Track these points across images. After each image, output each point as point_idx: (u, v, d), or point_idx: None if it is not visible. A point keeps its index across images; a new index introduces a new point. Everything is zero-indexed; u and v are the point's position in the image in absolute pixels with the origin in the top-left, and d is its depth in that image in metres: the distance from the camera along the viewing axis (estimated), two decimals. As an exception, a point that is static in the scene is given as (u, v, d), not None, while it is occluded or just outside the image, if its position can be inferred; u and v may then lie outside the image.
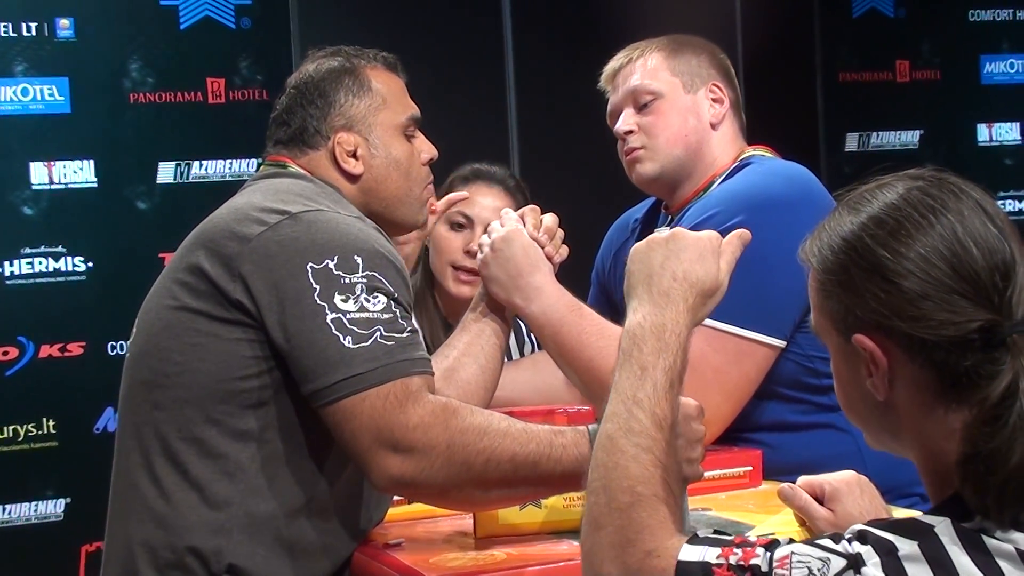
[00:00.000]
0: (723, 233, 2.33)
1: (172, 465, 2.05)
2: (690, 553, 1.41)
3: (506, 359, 2.56)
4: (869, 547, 1.35)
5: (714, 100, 2.64)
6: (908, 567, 1.33)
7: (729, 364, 2.36)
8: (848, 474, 1.96)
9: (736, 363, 2.37)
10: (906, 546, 1.35)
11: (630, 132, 2.65)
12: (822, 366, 2.43)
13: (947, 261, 1.41)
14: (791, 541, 1.41)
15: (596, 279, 2.90)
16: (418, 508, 2.30)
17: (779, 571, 1.35)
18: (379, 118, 2.28)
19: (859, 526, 1.39)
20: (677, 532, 1.47)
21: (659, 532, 1.45)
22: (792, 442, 2.44)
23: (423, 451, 1.95)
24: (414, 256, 3.05)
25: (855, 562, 1.35)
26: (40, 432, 4.50)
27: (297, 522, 2.06)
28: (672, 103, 2.63)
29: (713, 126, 2.64)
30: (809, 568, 1.35)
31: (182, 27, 4.71)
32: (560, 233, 2.50)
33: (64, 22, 4.55)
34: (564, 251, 2.49)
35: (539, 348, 3.30)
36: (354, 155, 2.25)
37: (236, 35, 4.78)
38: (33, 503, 4.51)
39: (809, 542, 1.39)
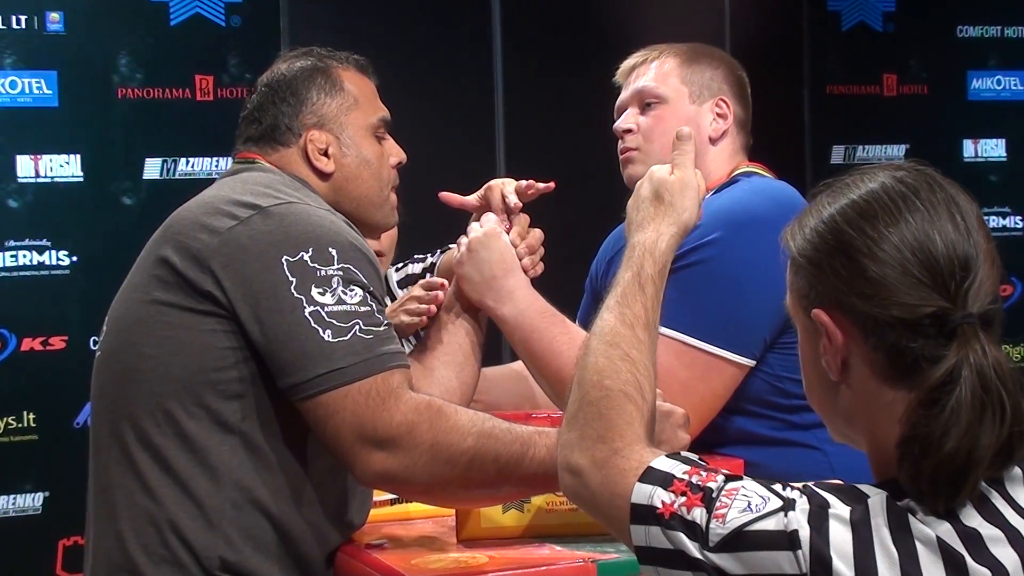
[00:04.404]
0: (699, 248, 2.35)
1: (155, 460, 2.04)
2: (664, 464, 1.50)
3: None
4: (805, 497, 1.42)
5: (718, 115, 2.62)
6: (831, 523, 1.39)
7: (696, 380, 2.36)
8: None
9: (703, 379, 2.36)
10: (839, 507, 1.41)
11: (628, 131, 2.64)
12: (791, 387, 2.43)
13: (909, 246, 1.46)
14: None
15: (589, 286, 2.89)
16: (401, 509, 2.31)
17: (724, 498, 1.43)
18: (350, 118, 2.28)
19: (808, 483, 1.46)
20: (644, 436, 1.58)
21: (627, 433, 1.57)
22: (763, 456, 2.43)
23: (407, 449, 1.96)
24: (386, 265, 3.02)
25: (787, 505, 1.41)
26: (20, 425, 4.50)
27: (283, 514, 2.05)
28: (674, 110, 2.61)
29: (712, 140, 2.61)
30: (749, 502, 1.42)
31: (172, 24, 4.71)
32: (541, 251, 2.50)
33: (54, 16, 4.55)
34: (539, 268, 2.48)
35: None
36: (325, 153, 2.25)
37: (226, 33, 4.78)
38: (12, 496, 4.50)
39: (761, 482, 1.46)
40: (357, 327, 1.99)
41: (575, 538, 2.08)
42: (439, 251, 2.76)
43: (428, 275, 2.94)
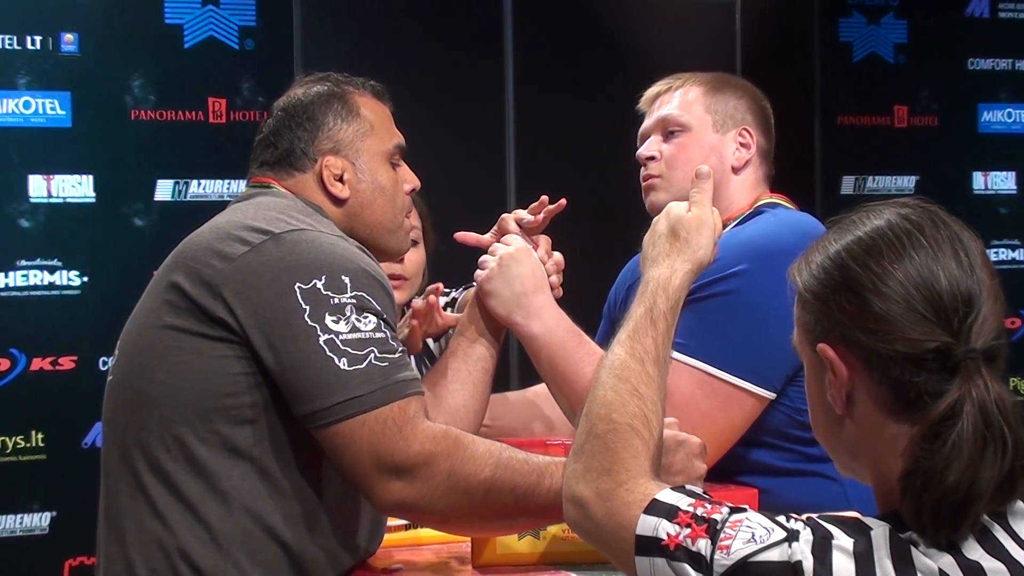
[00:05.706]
0: (725, 279, 2.36)
1: (165, 486, 2.04)
2: (669, 496, 1.51)
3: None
4: (809, 529, 1.43)
5: (741, 144, 2.62)
6: (835, 554, 1.41)
7: (717, 410, 2.37)
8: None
9: (724, 410, 2.37)
10: (843, 539, 1.42)
11: (651, 159, 2.64)
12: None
13: (913, 282, 1.48)
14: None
15: (607, 313, 2.89)
16: (414, 535, 2.31)
17: (728, 530, 1.44)
18: (366, 144, 2.28)
19: (811, 515, 1.47)
20: (650, 470, 1.59)
21: (632, 466, 1.58)
22: (780, 487, 2.43)
23: (424, 478, 1.96)
24: (408, 295, 3.00)
25: (791, 536, 1.42)
26: (29, 445, 4.50)
27: (295, 540, 2.04)
28: (697, 139, 2.62)
29: (735, 170, 2.62)
30: (753, 533, 1.44)
31: (186, 46, 4.72)
32: (561, 274, 2.51)
33: (69, 37, 4.56)
34: (559, 292, 2.50)
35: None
36: (341, 179, 2.25)
37: (239, 56, 4.79)
38: (19, 516, 4.50)
39: (765, 514, 1.47)
40: (372, 355, 1.99)
41: (590, 566, 2.08)
42: (462, 287, 2.77)
43: (450, 310, 2.94)
